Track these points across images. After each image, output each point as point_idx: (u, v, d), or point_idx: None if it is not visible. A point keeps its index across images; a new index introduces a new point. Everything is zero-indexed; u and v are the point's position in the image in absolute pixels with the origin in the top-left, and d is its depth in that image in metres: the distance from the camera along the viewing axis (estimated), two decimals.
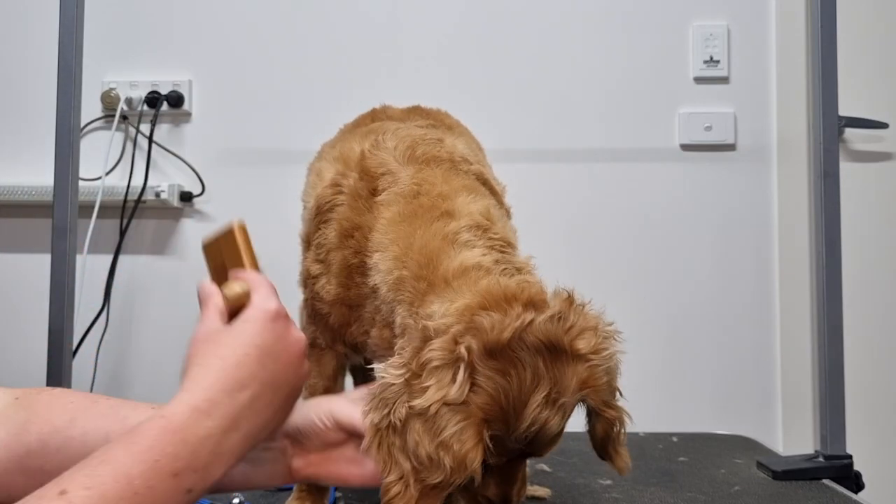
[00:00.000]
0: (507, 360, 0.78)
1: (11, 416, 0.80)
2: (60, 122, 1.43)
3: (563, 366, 0.80)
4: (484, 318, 0.79)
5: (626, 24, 2.10)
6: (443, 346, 0.79)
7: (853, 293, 1.45)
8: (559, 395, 0.79)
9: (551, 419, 0.79)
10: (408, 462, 0.78)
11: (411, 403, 0.77)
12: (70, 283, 1.42)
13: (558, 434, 0.83)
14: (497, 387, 0.77)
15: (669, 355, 2.07)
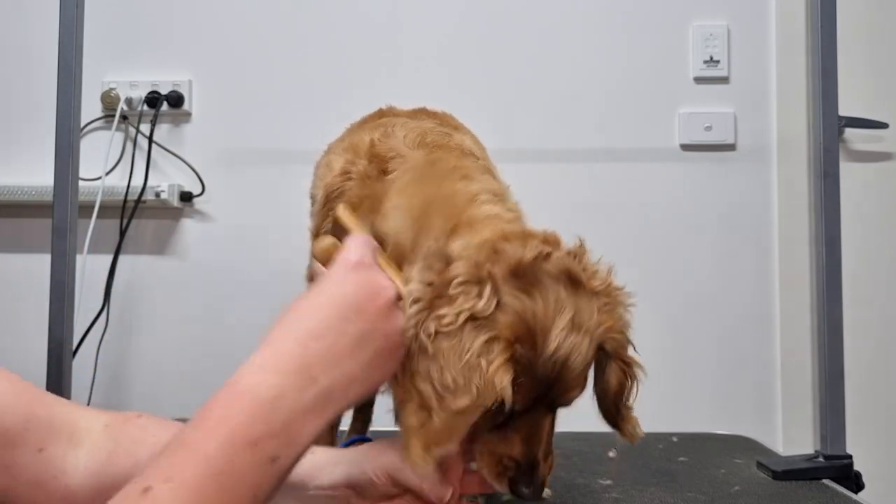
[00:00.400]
0: (530, 282, 0.77)
1: (100, 445, 0.80)
2: (60, 122, 1.43)
3: (582, 298, 0.80)
4: (505, 245, 0.80)
5: (626, 24, 2.10)
6: (468, 266, 0.77)
7: (853, 293, 1.45)
8: (582, 321, 0.78)
9: (579, 345, 0.77)
10: (430, 388, 0.73)
11: (439, 314, 0.74)
12: (70, 283, 1.42)
13: (584, 373, 0.79)
14: (523, 306, 0.76)
15: (669, 355, 2.07)
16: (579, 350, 0.77)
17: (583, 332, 0.78)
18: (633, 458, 1.40)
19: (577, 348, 0.77)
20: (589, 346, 0.79)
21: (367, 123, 1.23)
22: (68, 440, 0.80)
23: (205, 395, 0.80)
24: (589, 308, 0.80)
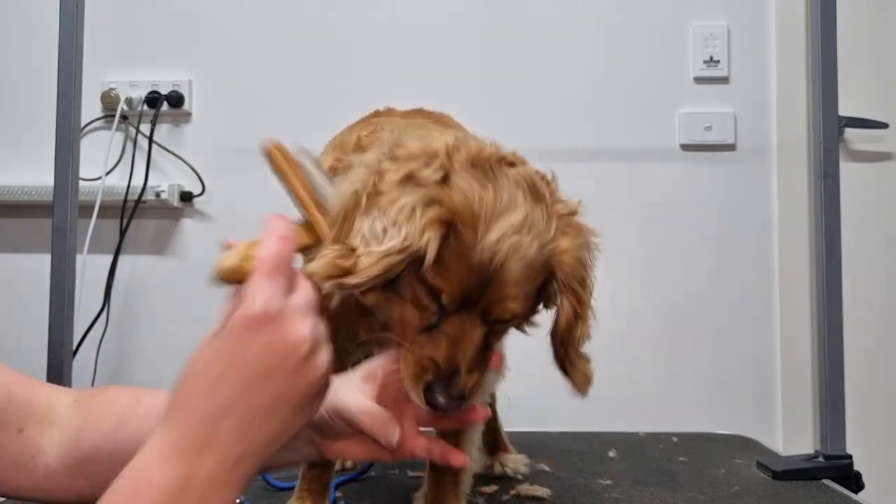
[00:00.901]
0: (487, 176, 0.74)
1: (71, 423, 0.81)
2: (60, 122, 1.43)
3: (540, 211, 0.76)
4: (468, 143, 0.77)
5: (626, 24, 2.10)
6: (423, 147, 0.76)
7: (853, 293, 1.45)
8: (534, 227, 0.74)
9: (522, 245, 0.72)
10: (360, 238, 0.70)
11: (380, 168, 0.73)
12: (70, 283, 1.42)
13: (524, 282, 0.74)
14: (472, 189, 0.73)
15: (669, 355, 2.07)
16: (523, 251, 0.73)
17: (531, 237, 0.74)
18: (633, 458, 1.40)
19: (521, 248, 0.73)
20: (535, 253, 0.74)
21: (359, 123, 1.24)
22: (43, 419, 0.81)
23: None
24: (545, 222, 0.76)
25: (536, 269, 0.75)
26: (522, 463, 1.31)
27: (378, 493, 1.19)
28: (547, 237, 0.76)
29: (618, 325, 2.06)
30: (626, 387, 2.06)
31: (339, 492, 1.18)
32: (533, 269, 0.74)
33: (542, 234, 0.75)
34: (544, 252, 0.75)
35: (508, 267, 0.73)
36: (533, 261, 0.74)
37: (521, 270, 0.73)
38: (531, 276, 0.75)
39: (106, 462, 0.77)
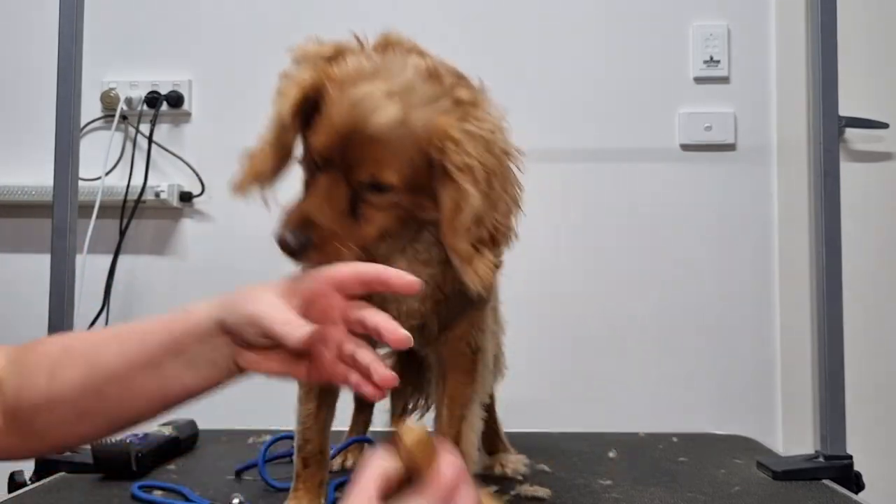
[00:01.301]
0: (382, 56, 0.82)
1: (9, 383, 0.82)
2: (60, 122, 1.43)
3: (429, 88, 0.79)
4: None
5: (626, 24, 2.10)
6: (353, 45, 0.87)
7: (853, 293, 1.45)
8: (408, 97, 0.77)
9: (382, 105, 0.76)
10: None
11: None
12: (70, 283, 1.42)
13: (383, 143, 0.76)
14: (354, 63, 0.81)
15: (669, 355, 2.07)
16: (385, 114, 0.76)
17: (401, 104, 0.76)
18: (633, 458, 1.40)
19: (383, 110, 0.76)
20: (403, 120, 0.76)
21: None
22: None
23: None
24: (430, 99, 0.78)
25: (406, 138, 0.77)
26: (522, 463, 1.31)
27: None
28: (425, 112, 0.77)
29: (618, 325, 2.06)
30: (626, 387, 2.06)
31: (339, 492, 1.18)
32: (401, 137, 0.76)
33: (417, 106, 0.77)
34: (418, 124, 0.77)
35: (368, 126, 0.76)
36: (400, 128, 0.76)
37: (383, 133, 0.76)
38: (397, 143, 0.76)
39: (47, 415, 0.79)
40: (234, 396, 2.04)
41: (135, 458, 1.22)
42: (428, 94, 0.78)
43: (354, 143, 0.76)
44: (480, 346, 1.03)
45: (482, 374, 1.04)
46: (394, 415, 1.40)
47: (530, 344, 1.86)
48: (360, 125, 0.76)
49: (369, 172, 0.77)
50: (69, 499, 1.13)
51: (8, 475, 1.36)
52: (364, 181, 0.78)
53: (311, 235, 0.77)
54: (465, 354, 1.02)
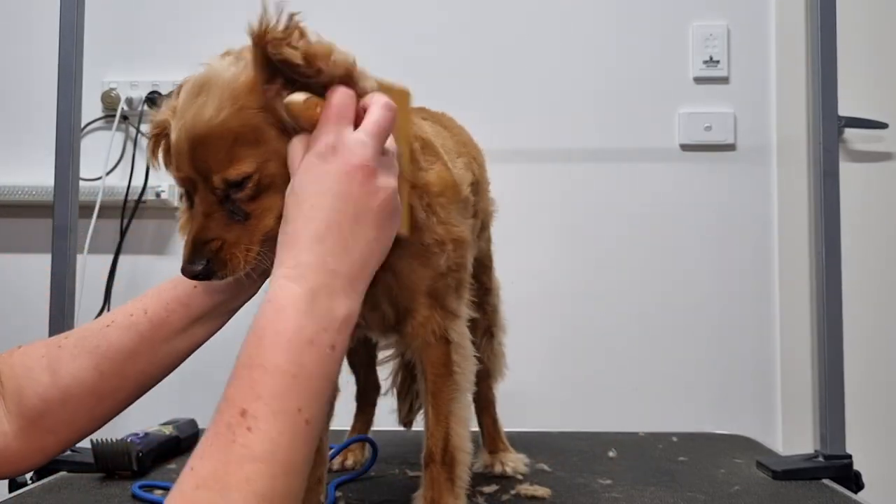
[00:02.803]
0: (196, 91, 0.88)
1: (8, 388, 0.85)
2: (61, 122, 1.43)
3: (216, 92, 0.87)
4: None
5: (626, 24, 2.11)
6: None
7: (853, 293, 1.45)
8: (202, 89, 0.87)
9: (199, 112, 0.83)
10: None
11: None
12: (70, 283, 1.42)
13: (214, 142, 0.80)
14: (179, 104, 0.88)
15: (669, 355, 2.07)
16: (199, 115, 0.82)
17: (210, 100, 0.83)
18: (633, 458, 1.40)
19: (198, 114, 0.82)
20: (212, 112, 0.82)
21: None
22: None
23: (205, 395, 0.80)
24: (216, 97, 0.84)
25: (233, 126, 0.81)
26: (522, 462, 1.31)
27: (378, 493, 1.19)
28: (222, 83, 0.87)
29: (617, 325, 2.06)
30: (626, 387, 2.06)
31: (339, 492, 1.18)
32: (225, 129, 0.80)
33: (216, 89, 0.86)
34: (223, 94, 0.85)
35: (195, 135, 0.81)
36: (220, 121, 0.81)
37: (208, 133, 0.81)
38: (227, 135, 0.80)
39: (59, 409, 0.84)
40: None
41: (135, 458, 1.22)
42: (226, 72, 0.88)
43: (195, 156, 0.81)
44: (448, 335, 0.98)
45: (460, 364, 0.99)
46: (400, 415, 1.41)
47: (530, 343, 1.86)
48: (190, 138, 0.81)
49: (220, 177, 0.80)
50: (70, 498, 1.13)
51: None
52: (222, 186, 0.80)
53: (209, 256, 0.81)
54: (434, 345, 0.97)
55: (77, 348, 0.87)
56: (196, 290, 0.91)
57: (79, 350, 0.87)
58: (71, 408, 0.85)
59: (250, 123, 0.81)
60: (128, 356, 0.89)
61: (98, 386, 0.87)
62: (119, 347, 0.88)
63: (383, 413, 1.46)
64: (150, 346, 0.91)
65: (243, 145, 0.80)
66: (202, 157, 0.80)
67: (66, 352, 0.87)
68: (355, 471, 1.28)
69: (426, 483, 0.99)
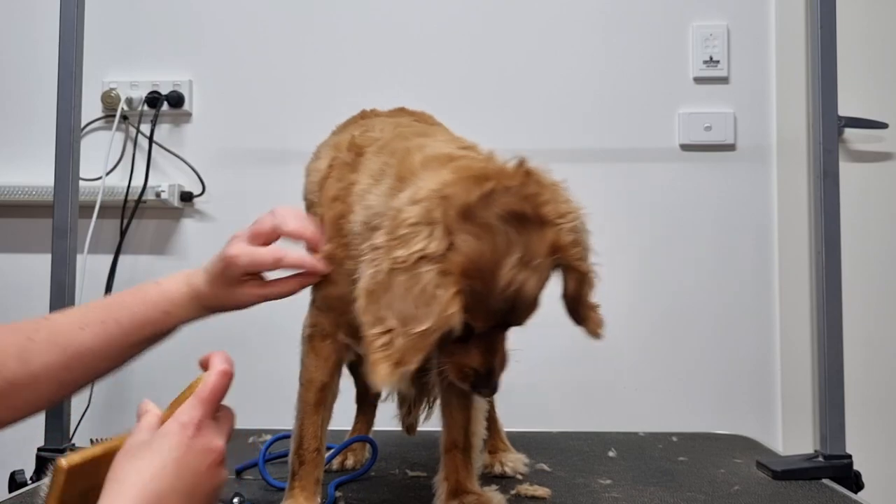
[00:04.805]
0: (479, 225, 0.84)
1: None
2: (61, 123, 1.43)
3: (531, 232, 0.86)
4: (452, 190, 0.86)
5: (625, 24, 2.11)
6: (418, 211, 0.85)
7: (853, 293, 1.45)
8: (531, 258, 0.85)
9: (528, 280, 0.84)
10: (391, 315, 0.83)
11: (393, 255, 0.83)
12: (70, 283, 1.42)
13: (536, 300, 0.88)
14: (472, 248, 0.83)
15: (669, 355, 2.07)
16: (528, 284, 0.85)
17: (531, 268, 0.85)
18: (633, 458, 1.40)
19: (527, 282, 0.84)
20: (538, 278, 0.86)
21: (350, 124, 1.27)
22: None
23: None
24: (538, 240, 0.86)
25: (540, 283, 0.88)
26: (522, 462, 1.31)
27: (378, 492, 1.19)
28: (543, 253, 0.86)
29: (618, 325, 2.05)
30: (626, 387, 2.06)
31: (339, 491, 1.18)
32: (538, 286, 0.87)
33: (539, 255, 0.86)
34: (545, 267, 0.87)
35: (521, 299, 0.85)
36: (539, 278, 0.87)
37: (531, 295, 0.86)
38: (538, 291, 0.87)
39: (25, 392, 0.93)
40: (235, 396, 2.04)
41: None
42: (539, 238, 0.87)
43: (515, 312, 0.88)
44: None
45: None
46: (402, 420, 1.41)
47: (530, 343, 1.86)
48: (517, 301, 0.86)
49: (522, 321, 0.90)
50: None
51: (8, 475, 1.36)
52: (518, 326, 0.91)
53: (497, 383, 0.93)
54: None
55: (49, 344, 0.96)
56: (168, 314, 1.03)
57: (50, 346, 0.96)
58: (36, 392, 0.94)
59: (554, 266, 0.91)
60: (98, 358, 0.98)
61: (65, 378, 0.96)
62: (91, 350, 0.97)
63: (383, 413, 1.46)
64: (120, 350, 1.01)
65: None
66: (528, 305, 0.87)
67: (37, 346, 0.96)
68: (355, 471, 1.28)
69: (447, 467, 1.07)
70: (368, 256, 0.86)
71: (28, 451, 1.40)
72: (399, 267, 0.83)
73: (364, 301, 0.85)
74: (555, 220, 0.89)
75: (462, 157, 0.96)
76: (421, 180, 0.90)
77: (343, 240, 1.01)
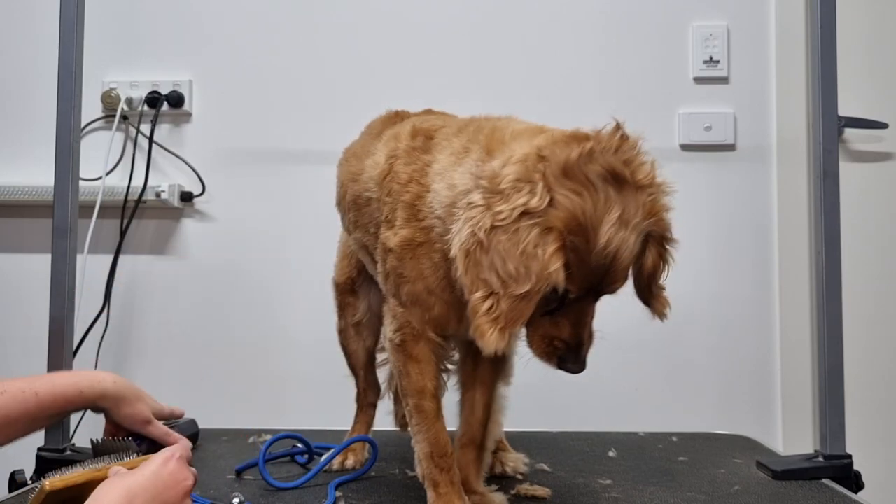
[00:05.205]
0: (579, 182, 0.83)
1: None
2: (61, 123, 1.43)
3: (628, 194, 0.85)
4: (550, 149, 0.86)
5: (626, 24, 2.11)
6: (518, 169, 0.85)
7: (853, 293, 1.45)
8: (630, 218, 0.84)
9: (626, 240, 0.84)
10: (494, 277, 0.82)
11: (495, 211, 0.82)
12: (70, 282, 1.42)
13: (629, 265, 0.87)
14: (574, 204, 0.83)
15: (669, 355, 2.07)
16: (627, 244, 0.85)
17: (630, 228, 0.85)
18: (633, 458, 1.40)
19: (626, 242, 0.84)
20: (636, 240, 0.86)
21: (387, 122, 1.27)
22: None
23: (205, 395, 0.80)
24: (635, 202, 0.86)
25: (637, 246, 0.87)
26: (522, 462, 1.31)
27: (378, 492, 1.19)
28: (639, 216, 0.86)
29: (617, 325, 2.05)
30: (626, 387, 2.06)
31: (339, 491, 1.18)
32: (635, 249, 0.87)
33: (635, 218, 0.86)
34: (641, 230, 0.87)
35: (618, 259, 0.85)
36: (636, 241, 0.87)
37: (628, 257, 0.86)
38: (634, 254, 0.87)
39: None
40: (235, 396, 2.05)
41: (136, 457, 1.22)
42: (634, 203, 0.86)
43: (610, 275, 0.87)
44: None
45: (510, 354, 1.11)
46: (397, 417, 1.41)
47: None
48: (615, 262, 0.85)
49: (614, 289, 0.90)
50: None
51: (9, 475, 1.36)
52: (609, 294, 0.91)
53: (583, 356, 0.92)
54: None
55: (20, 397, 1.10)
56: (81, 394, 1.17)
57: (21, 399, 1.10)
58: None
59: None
60: (10, 422, 1.10)
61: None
62: (5, 414, 1.09)
63: (382, 414, 1.47)
64: (32, 420, 1.14)
65: None
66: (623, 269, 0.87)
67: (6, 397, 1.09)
68: (356, 471, 1.28)
69: (459, 462, 1.08)
70: (465, 215, 0.86)
71: (28, 451, 1.40)
72: (500, 224, 0.83)
73: (463, 263, 0.84)
74: (648, 185, 0.88)
75: (551, 129, 0.95)
76: (514, 149, 0.90)
77: (421, 223, 0.99)
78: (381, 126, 1.28)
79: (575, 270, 0.83)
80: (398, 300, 1.05)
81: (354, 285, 1.38)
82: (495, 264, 0.82)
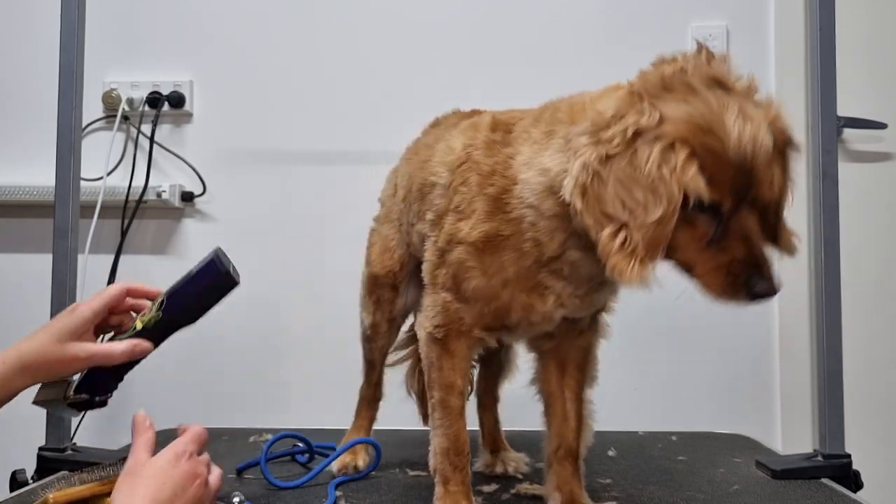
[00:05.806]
0: (683, 91, 0.78)
1: None
2: (62, 123, 1.43)
3: (738, 97, 0.80)
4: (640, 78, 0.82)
5: (625, 24, 2.11)
6: (616, 103, 0.80)
7: (852, 293, 1.45)
8: (752, 114, 0.78)
9: (757, 130, 0.77)
10: (620, 208, 0.75)
11: (605, 138, 0.76)
12: (71, 283, 1.43)
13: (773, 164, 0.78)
14: (686, 111, 0.77)
15: (669, 355, 2.07)
16: (760, 134, 0.77)
17: (756, 121, 0.78)
18: (633, 458, 1.40)
19: (759, 133, 0.77)
20: (766, 131, 0.78)
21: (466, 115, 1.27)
22: None
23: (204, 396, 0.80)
24: (750, 104, 0.81)
25: (770, 141, 0.80)
26: (523, 461, 1.31)
27: (378, 492, 1.19)
28: (758, 113, 0.80)
29: (617, 325, 2.06)
30: (626, 386, 2.06)
31: (340, 491, 1.18)
32: (770, 143, 0.79)
33: (755, 115, 0.79)
34: (767, 125, 0.80)
35: (757, 153, 0.77)
36: (766, 136, 0.79)
37: (766, 151, 0.78)
38: (771, 150, 0.79)
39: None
40: (235, 396, 2.05)
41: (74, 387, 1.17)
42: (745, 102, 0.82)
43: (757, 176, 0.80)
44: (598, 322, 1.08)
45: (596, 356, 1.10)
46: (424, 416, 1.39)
47: None
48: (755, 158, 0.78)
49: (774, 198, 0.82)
50: None
51: (10, 474, 1.37)
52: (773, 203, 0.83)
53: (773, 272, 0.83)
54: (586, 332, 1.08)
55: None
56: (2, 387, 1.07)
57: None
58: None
59: None
60: None
61: None
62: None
63: (383, 413, 1.47)
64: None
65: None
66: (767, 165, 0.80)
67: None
68: (359, 471, 1.28)
69: (560, 477, 1.05)
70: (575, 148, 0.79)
71: (29, 450, 1.40)
72: (614, 152, 0.76)
73: (580, 201, 0.77)
74: (751, 93, 0.84)
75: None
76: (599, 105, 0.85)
77: (509, 216, 0.94)
78: (455, 119, 1.27)
79: (715, 174, 0.76)
80: (455, 293, 1.00)
81: (396, 280, 1.31)
82: (619, 194, 0.75)
